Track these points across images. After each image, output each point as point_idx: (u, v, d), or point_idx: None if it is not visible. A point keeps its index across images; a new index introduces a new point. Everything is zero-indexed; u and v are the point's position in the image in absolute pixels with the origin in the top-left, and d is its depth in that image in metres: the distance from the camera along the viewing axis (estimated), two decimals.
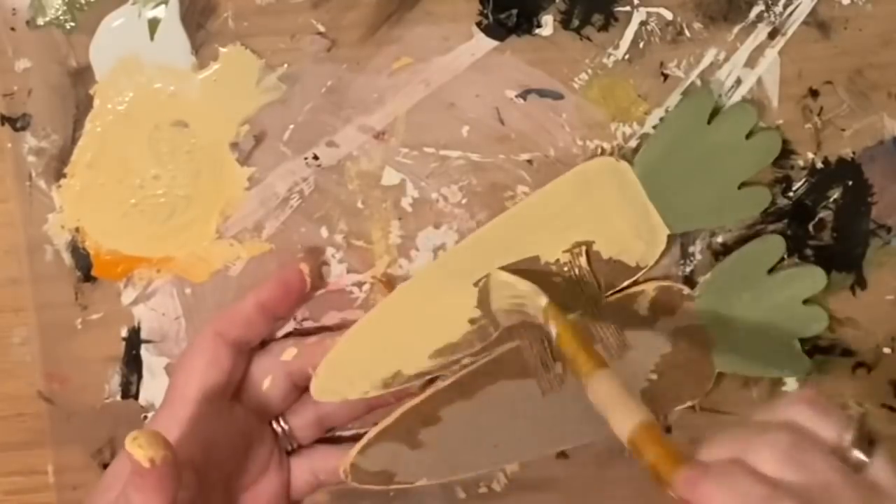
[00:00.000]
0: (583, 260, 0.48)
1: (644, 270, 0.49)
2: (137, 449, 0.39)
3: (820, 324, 0.49)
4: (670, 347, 0.49)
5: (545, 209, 0.48)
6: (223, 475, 0.46)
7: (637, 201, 0.48)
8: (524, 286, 0.46)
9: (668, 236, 0.48)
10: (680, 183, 0.48)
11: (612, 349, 0.49)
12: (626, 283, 0.49)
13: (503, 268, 0.47)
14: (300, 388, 0.49)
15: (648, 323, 0.49)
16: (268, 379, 0.48)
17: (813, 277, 0.49)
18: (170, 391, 0.47)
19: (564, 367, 0.48)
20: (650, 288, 0.49)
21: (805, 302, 0.49)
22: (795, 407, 0.37)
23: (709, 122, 0.48)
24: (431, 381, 0.49)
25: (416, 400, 0.48)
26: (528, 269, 0.48)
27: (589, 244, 0.48)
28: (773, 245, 0.49)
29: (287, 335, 0.50)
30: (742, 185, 0.48)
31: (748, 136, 0.48)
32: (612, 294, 0.49)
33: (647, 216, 0.48)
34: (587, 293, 0.48)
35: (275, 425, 0.49)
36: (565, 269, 0.48)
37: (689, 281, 0.50)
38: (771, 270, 0.49)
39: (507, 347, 0.49)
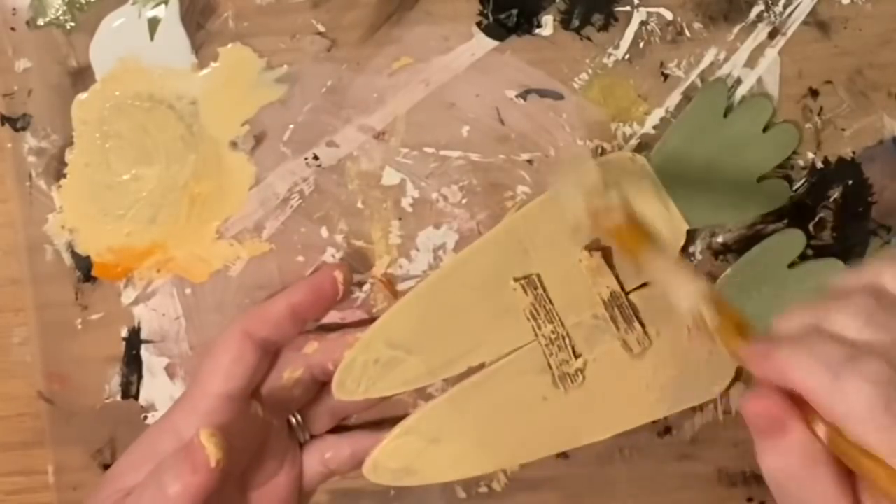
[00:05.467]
0: (601, 256, 0.48)
1: None
2: (214, 447, 0.41)
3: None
4: (692, 343, 0.49)
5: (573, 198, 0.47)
6: (238, 471, 0.46)
7: (655, 196, 0.48)
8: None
9: (687, 231, 0.48)
10: (698, 177, 0.48)
11: (633, 345, 0.48)
12: (645, 280, 0.48)
13: None
14: (319, 383, 0.49)
15: (669, 318, 0.48)
16: (288, 373, 0.48)
17: (832, 271, 0.49)
18: (192, 384, 0.47)
19: (584, 364, 0.49)
20: None
21: None
22: (879, 268, 0.35)
23: (725, 116, 0.48)
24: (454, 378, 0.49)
25: (440, 399, 0.48)
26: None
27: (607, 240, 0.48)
28: (793, 239, 0.49)
29: (308, 330, 0.50)
30: (760, 178, 0.48)
31: (765, 130, 0.48)
32: (631, 290, 0.49)
33: (665, 210, 0.48)
34: (607, 290, 0.48)
35: (290, 417, 0.49)
36: (584, 265, 0.48)
37: None
38: (791, 265, 0.49)
39: (528, 344, 0.48)
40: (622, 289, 0.48)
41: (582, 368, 0.48)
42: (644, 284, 0.48)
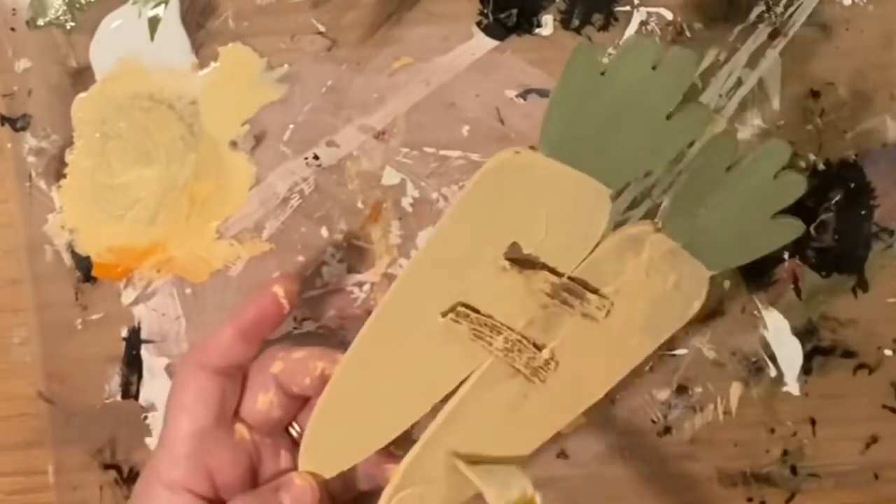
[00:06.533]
0: (523, 264, 0.44)
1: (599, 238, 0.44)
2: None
3: (798, 188, 0.42)
4: (653, 282, 0.45)
5: (472, 217, 0.43)
6: (237, 493, 0.45)
7: (560, 179, 0.42)
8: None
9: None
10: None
11: (595, 314, 0.44)
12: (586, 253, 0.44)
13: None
14: (296, 397, 0.48)
15: (620, 271, 0.44)
16: (262, 394, 0.47)
17: (774, 154, 0.42)
18: (163, 431, 0.45)
19: (552, 352, 0.45)
20: (610, 242, 0.44)
21: (775, 176, 0.42)
22: None
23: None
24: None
25: (417, 446, 0.45)
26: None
27: (525, 239, 0.43)
28: (723, 142, 0.42)
29: (281, 337, 0.50)
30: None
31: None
32: (573, 271, 0.44)
33: (581, 186, 0.42)
34: (546, 283, 0.44)
35: (290, 430, 0.48)
36: (510, 276, 0.44)
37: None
38: (728, 167, 0.42)
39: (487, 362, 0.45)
40: (560, 275, 0.44)
41: (551, 357, 0.45)
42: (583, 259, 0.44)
